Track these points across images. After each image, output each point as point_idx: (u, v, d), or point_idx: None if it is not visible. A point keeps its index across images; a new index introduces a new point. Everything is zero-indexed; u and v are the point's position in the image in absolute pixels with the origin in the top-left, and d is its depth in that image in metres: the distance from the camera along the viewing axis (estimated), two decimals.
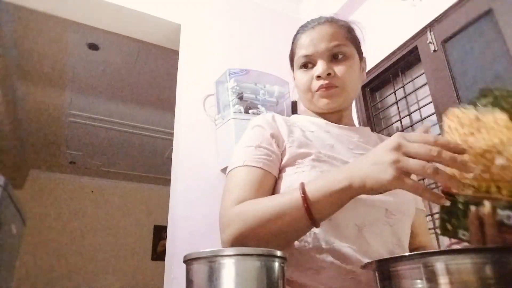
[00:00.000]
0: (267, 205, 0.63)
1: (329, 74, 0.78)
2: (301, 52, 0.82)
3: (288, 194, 0.62)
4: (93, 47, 2.92)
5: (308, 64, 0.82)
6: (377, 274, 0.41)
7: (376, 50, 2.06)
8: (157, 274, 4.85)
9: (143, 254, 5.14)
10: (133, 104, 3.69)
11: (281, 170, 0.75)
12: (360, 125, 2.10)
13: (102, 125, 3.92)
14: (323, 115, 0.85)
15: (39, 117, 3.84)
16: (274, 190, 0.74)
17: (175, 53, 2.15)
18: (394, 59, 1.95)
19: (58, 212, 5.00)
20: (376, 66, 2.06)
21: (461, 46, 1.62)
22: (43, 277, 4.52)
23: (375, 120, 2.09)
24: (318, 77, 0.78)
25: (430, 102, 1.72)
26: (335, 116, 0.85)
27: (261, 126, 0.79)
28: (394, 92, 2.00)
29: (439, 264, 0.35)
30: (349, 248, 0.66)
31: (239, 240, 0.62)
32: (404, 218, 0.75)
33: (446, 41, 1.68)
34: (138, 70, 3.22)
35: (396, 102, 1.98)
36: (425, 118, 1.78)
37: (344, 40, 0.82)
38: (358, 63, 0.85)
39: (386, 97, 2.10)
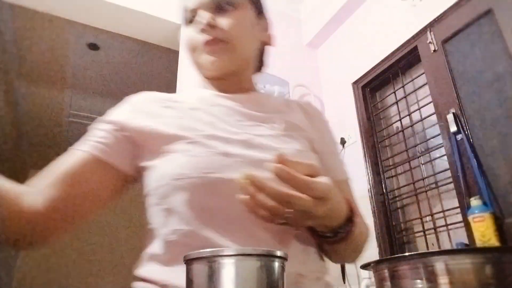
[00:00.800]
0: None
1: (212, 26, 0.65)
2: (185, 4, 0.69)
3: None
4: (93, 47, 2.92)
5: (190, 18, 0.69)
6: (376, 274, 0.41)
7: (376, 50, 2.06)
8: None
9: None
10: None
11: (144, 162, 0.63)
12: (360, 125, 2.10)
13: None
14: (216, 82, 0.73)
15: (39, 117, 3.84)
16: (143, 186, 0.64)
17: (175, 53, 2.15)
18: (394, 59, 1.95)
19: None
20: (376, 66, 2.06)
21: (461, 46, 1.62)
22: (43, 277, 4.52)
23: (375, 120, 2.10)
24: (202, 29, 0.66)
25: (430, 102, 1.72)
26: (229, 83, 0.72)
27: (130, 104, 0.69)
28: (394, 92, 2.00)
29: (439, 264, 0.35)
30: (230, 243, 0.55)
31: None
32: None
33: (446, 41, 1.68)
34: (138, 70, 3.22)
35: (396, 102, 1.98)
36: (425, 118, 1.78)
37: None
38: (253, 17, 0.73)
39: (386, 97, 2.10)
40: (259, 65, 0.81)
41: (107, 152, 0.62)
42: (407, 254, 0.38)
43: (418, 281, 0.36)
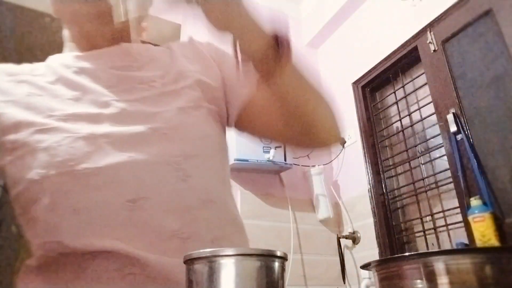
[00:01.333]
0: None
1: None
2: None
3: None
4: None
5: None
6: (376, 274, 0.41)
7: (376, 50, 2.06)
8: None
9: None
10: None
11: None
12: (360, 125, 2.10)
13: None
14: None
15: None
16: None
17: None
18: (394, 59, 1.95)
19: None
20: (376, 66, 2.06)
21: (461, 46, 1.62)
22: None
23: (375, 120, 2.10)
24: None
25: (430, 102, 1.72)
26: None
27: None
28: (394, 92, 2.00)
29: (439, 264, 0.36)
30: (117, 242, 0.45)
31: None
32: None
33: (446, 41, 1.68)
34: None
35: (396, 102, 1.98)
36: (425, 118, 1.78)
37: None
38: None
39: (386, 97, 2.10)
40: None
41: None
42: (407, 254, 0.38)
43: (418, 281, 0.36)
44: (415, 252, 0.38)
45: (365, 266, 0.42)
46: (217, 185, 0.55)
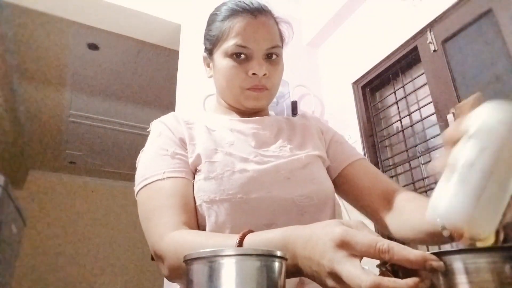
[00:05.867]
0: (204, 244, 0.54)
1: (264, 74, 0.72)
2: (238, 40, 0.72)
3: (228, 239, 0.53)
4: (93, 47, 2.92)
5: (241, 55, 0.72)
6: (392, 274, 0.41)
7: (376, 50, 2.06)
8: (157, 274, 4.85)
9: (143, 254, 5.14)
10: (133, 104, 3.69)
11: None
12: (360, 125, 2.10)
13: (102, 125, 3.92)
14: (234, 109, 0.80)
15: (39, 117, 3.84)
16: None
17: (175, 53, 2.15)
18: (394, 59, 1.95)
19: (58, 212, 5.00)
20: (376, 66, 2.06)
21: (461, 46, 1.62)
22: (43, 277, 4.52)
23: (375, 120, 2.10)
24: (254, 74, 0.72)
25: (430, 102, 1.72)
26: (247, 111, 0.79)
27: (169, 130, 0.73)
28: (394, 92, 2.00)
29: (457, 263, 0.35)
30: None
31: (175, 276, 0.57)
32: (316, 203, 0.68)
33: (446, 41, 1.68)
34: (138, 70, 3.22)
35: (396, 102, 1.98)
36: (425, 118, 1.78)
37: (280, 40, 0.78)
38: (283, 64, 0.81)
39: (386, 97, 2.10)
40: None
41: (188, 173, 0.68)
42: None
43: (436, 279, 0.36)
44: (432, 252, 0.38)
45: (380, 265, 0.42)
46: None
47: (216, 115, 0.80)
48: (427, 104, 1.76)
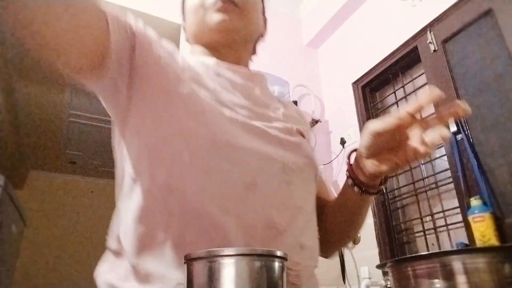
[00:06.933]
0: None
1: None
2: None
3: None
4: None
5: None
6: (392, 274, 0.41)
7: (376, 50, 2.06)
8: None
9: None
10: None
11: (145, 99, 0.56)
12: (360, 125, 2.10)
13: (102, 125, 3.92)
14: (216, 51, 0.68)
15: (39, 117, 3.84)
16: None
17: None
18: (394, 59, 1.96)
19: (58, 212, 5.00)
20: (376, 66, 2.06)
21: (461, 46, 1.62)
22: (43, 277, 4.52)
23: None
24: None
25: None
26: (230, 54, 0.68)
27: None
28: (394, 92, 2.00)
29: (456, 263, 0.35)
30: (228, 218, 0.51)
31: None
32: (305, 176, 0.63)
33: (446, 41, 1.68)
34: None
35: (396, 102, 1.98)
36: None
37: None
38: (261, 7, 0.74)
39: (386, 97, 2.10)
40: (253, 52, 0.80)
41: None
42: (424, 253, 0.38)
43: (436, 280, 0.36)
44: (432, 252, 0.38)
45: (381, 266, 0.42)
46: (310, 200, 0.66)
47: (202, 57, 0.68)
48: None
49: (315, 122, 2.24)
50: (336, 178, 2.17)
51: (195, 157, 0.52)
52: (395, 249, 1.80)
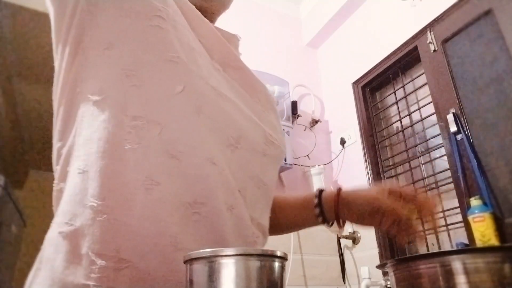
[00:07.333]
0: None
1: None
2: None
3: None
4: None
5: None
6: (392, 274, 0.41)
7: (376, 50, 2.06)
8: None
9: None
10: None
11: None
12: (360, 125, 2.10)
13: None
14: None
15: (39, 117, 3.84)
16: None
17: None
18: (394, 59, 1.96)
19: None
20: (376, 66, 2.06)
21: (461, 46, 1.62)
22: None
23: (375, 120, 2.10)
24: None
25: (430, 102, 1.72)
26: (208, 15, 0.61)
27: None
28: (394, 92, 2.00)
29: (456, 263, 0.35)
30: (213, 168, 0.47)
31: None
32: (278, 155, 0.61)
33: (446, 41, 1.68)
34: None
35: (396, 102, 1.98)
36: (425, 118, 1.78)
37: None
38: None
39: (386, 97, 2.10)
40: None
41: None
42: (424, 253, 0.38)
43: (436, 280, 0.36)
44: (432, 252, 0.38)
45: (381, 266, 0.42)
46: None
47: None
48: (427, 104, 1.76)
49: (315, 122, 2.24)
50: (336, 178, 2.17)
51: (188, 89, 0.46)
52: (395, 249, 1.80)
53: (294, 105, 2.16)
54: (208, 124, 0.48)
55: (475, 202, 1.37)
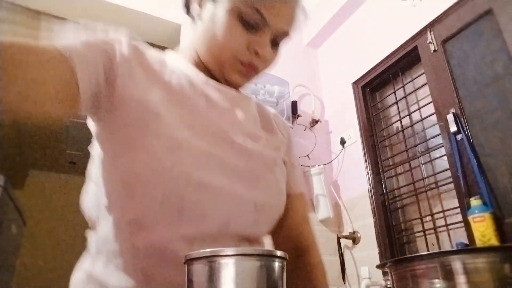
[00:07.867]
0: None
1: (264, 58, 0.64)
2: (260, 6, 0.58)
3: None
4: None
5: (253, 24, 0.59)
6: (392, 274, 0.41)
7: (376, 50, 2.06)
8: None
9: None
10: None
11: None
12: (360, 125, 2.10)
13: None
14: (210, 70, 0.66)
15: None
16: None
17: None
18: (394, 59, 1.96)
19: (58, 212, 5.00)
20: (376, 66, 2.06)
21: (461, 46, 1.62)
22: (43, 277, 4.52)
23: (375, 120, 2.10)
24: (256, 53, 0.61)
25: (430, 102, 1.72)
26: (223, 76, 0.65)
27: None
28: (394, 92, 2.00)
29: (456, 263, 0.35)
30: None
31: None
32: (274, 213, 0.64)
33: (446, 41, 1.68)
34: None
35: (396, 102, 1.98)
36: (425, 118, 1.78)
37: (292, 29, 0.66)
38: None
39: (386, 97, 2.10)
40: None
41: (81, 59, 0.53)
42: (424, 253, 0.38)
43: (435, 280, 0.36)
44: (432, 252, 0.38)
45: (381, 266, 0.42)
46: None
47: (193, 68, 0.66)
48: (427, 104, 1.76)
49: (315, 122, 2.24)
50: (336, 178, 2.17)
51: (168, 196, 0.52)
52: (395, 249, 1.80)
53: (294, 105, 2.16)
54: (191, 220, 0.54)
55: (475, 202, 1.37)
